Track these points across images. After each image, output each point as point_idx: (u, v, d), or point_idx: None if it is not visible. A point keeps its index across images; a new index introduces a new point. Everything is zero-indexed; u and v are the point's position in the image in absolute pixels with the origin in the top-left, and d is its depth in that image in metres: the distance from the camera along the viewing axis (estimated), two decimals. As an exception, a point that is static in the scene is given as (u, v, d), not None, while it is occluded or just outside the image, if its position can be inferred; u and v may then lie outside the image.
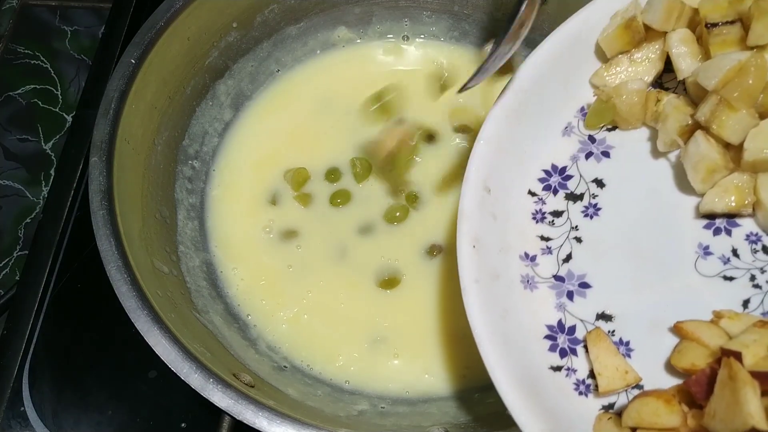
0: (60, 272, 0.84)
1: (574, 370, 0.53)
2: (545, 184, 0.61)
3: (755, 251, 0.54)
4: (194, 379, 0.58)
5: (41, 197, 1.13)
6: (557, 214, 0.59)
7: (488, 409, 0.67)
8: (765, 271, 0.53)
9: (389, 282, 0.76)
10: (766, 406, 0.44)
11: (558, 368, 0.53)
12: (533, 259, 0.58)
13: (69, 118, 1.18)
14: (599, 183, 0.60)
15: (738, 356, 0.45)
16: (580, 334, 0.55)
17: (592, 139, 0.62)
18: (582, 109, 0.63)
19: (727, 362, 0.45)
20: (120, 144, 0.69)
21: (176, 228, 0.78)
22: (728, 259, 0.54)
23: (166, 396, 0.76)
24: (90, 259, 0.84)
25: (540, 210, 0.60)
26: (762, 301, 0.52)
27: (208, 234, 0.81)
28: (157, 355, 0.59)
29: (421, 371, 0.72)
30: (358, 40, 0.92)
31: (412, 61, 0.92)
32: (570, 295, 0.56)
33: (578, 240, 0.58)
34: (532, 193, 0.60)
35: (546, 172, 0.61)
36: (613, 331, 0.54)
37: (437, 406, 0.70)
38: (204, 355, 0.61)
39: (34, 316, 0.81)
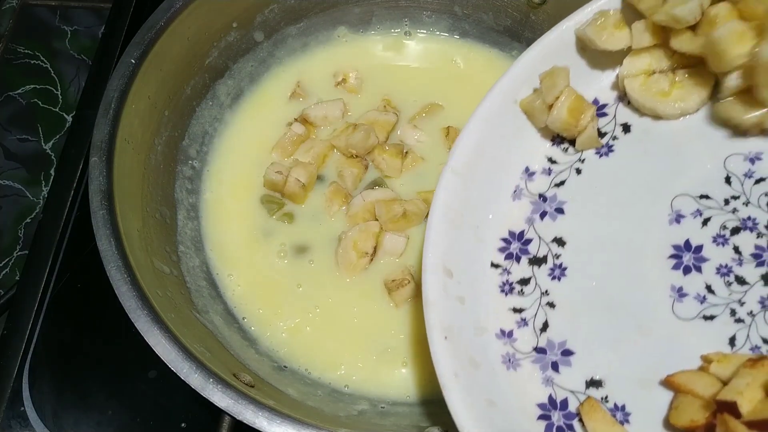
0: (60, 272, 0.84)
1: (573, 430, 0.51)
2: (506, 252, 0.59)
3: (729, 283, 0.52)
4: (194, 379, 0.58)
5: (41, 197, 1.13)
6: (524, 282, 0.58)
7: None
8: (744, 302, 0.51)
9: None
10: None
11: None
12: (510, 335, 0.56)
13: (69, 118, 1.18)
14: (559, 242, 0.58)
15: (734, 406, 0.44)
16: (573, 406, 0.52)
17: (543, 198, 0.60)
18: (527, 169, 0.62)
19: (722, 420, 0.44)
20: (120, 144, 0.69)
21: (176, 228, 0.78)
22: (704, 297, 0.52)
23: (166, 396, 0.76)
24: (90, 259, 0.84)
25: (507, 281, 0.58)
26: (747, 335, 0.50)
27: (203, 237, 0.80)
28: (157, 355, 0.59)
29: (426, 380, 0.71)
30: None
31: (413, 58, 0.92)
32: (555, 366, 0.54)
33: (551, 305, 0.56)
34: (495, 265, 0.59)
35: (504, 240, 0.60)
36: (606, 397, 0.52)
37: (438, 406, 0.70)
38: (204, 355, 0.61)
39: (34, 316, 0.81)
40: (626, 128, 0.60)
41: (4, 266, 1.09)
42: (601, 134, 0.61)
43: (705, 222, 0.54)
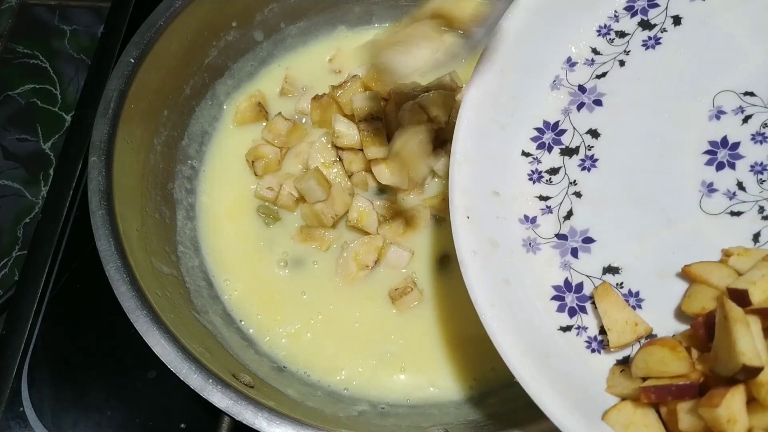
0: (59, 272, 0.84)
1: (585, 328, 0.52)
2: (539, 142, 0.59)
3: (762, 181, 0.52)
4: (194, 379, 0.58)
5: (40, 197, 1.12)
6: (554, 171, 0.58)
7: (489, 409, 0.67)
8: None
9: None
10: None
11: (568, 328, 0.52)
12: (533, 221, 0.57)
13: (68, 118, 1.18)
14: (594, 133, 0.58)
15: (745, 294, 0.44)
16: (587, 290, 0.54)
17: (582, 89, 0.60)
18: (569, 59, 0.61)
19: (721, 302, 0.45)
20: (119, 144, 0.69)
21: (176, 228, 0.77)
22: (734, 194, 0.52)
23: (165, 396, 0.76)
24: (89, 259, 0.84)
25: (536, 170, 0.59)
26: None
27: (200, 240, 0.80)
28: (156, 355, 0.59)
29: (426, 384, 0.71)
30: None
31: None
32: (574, 252, 0.55)
33: (578, 195, 0.57)
34: (526, 154, 0.59)
35: (538, 130, 0.60)
36: (621, 283, 0.53)
37: (438, 408, 0.69)
38: (203, 356, 0.60)
39: (33, 316, 0.81)
40: (677, 20, 0.60)
41: (3, 266, 1.09)
42: (650, 25, 0.60)
43: (746, 119, 0.54)
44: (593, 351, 0.52)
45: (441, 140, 0.80)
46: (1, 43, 1.24)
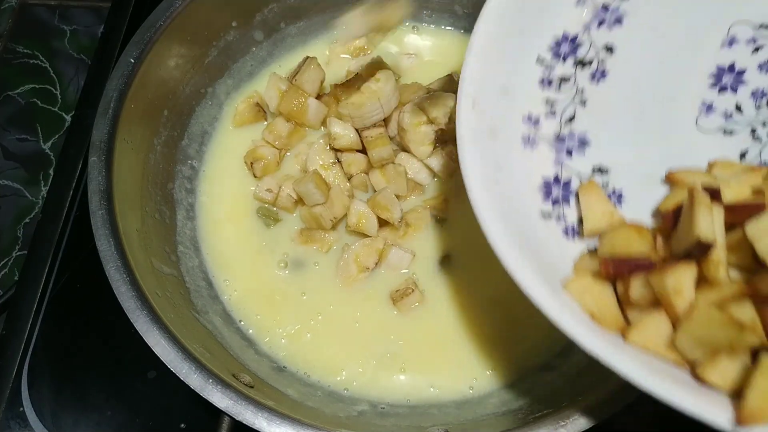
0: (59, 272, 0.84)
1: (565, 217, 0.56)
2: (555, 51, 0.61)
3: (759, 107, 0.56)
4: (194, 379, 0.58)
5: (40, 197, 1.12)
6: (564, 79, 0.60)
7: (489, 409, 0.67)
8: (767, 124, 0.55)
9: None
10: (738, 238, 0.46)
11: (549, 215, 0.56)
12: (536, 121, 0.59)
13: (68, 118, 1.18)
14: (609, 49, 0.60)
15: (717, 192, 0.48)
16: (574, 186, 0.57)
17: (605, 7, 0.61)
18: None
19: (691, 191, 0.48)
20: (119, 144, 0.69)
21: (176, 228, 0.77)
22: (730, 115, 0.56)
23: (165, 396, 0.76)
24: (89, 259, 0.84)
25: (548, 76, 0.60)
26: (760, 152, 0.54)
27: (199, 240, 0.80)
28: (156, 355, 0.59)
29: (426, 384, 0.71)
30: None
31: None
32: (569, 152, 0.58)
33: (583, 103, 0.60)
34: (541, 60, 0.60)
35: (557, 41, 0.61)
36: (607, 183, 0.57)
37: (438, 408, 0.70)
38: (203, 356, 0.60)
39: (33, 316, 0.81)
40: None
41: (3, 266, 1.09)
42: None
43: (756, 50, 0.57)
44: (568, 237, 0.55)
45: (441, 141, 0.80)
46: (1, 43, 1.24)
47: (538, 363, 0.72)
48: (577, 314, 0.48)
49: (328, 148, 0.79)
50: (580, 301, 0.49)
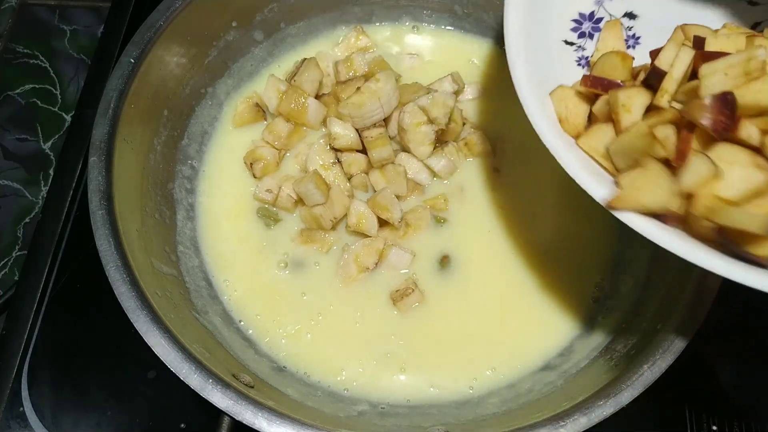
0: (59, 272, 0.83)
1: (584, 49, 0.62)
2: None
3: None
4: (194, 379, 0.58)
5: (40, 197, 1.12)
6: None
7: (489, 409, 0.67)
8: None
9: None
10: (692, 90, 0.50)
11: (571, 43, 0.62)
12: None
13: (68, 118, 1.18)
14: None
15: (702, 41, 0.53)
16: (602, 24, 0.63)
17: None
18: None
19: (675, 31, 0.55)
20: (119, 144, 0.69)
21: (175, 228, 0.77)
22: None
23: (165, 396, 0.76)
24: (89, 259, 0.83)
25: None
26: None
27: (199, 240, 0.80)
28: (156, 355, 0.59)
29: (426, 384, 0.71)
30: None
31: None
32: None
33: None
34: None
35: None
36: (632, 27, 0.63)
37: (438, 408, 0.70)
38: (203, 356, 0.60)
39: (33, 316, 0.81)
40: None
41: (2, 266, 1.09)
42: None
43: None
44: (581, 65, 0.62)
45: (441, 141, 0.80)
46: (1, 43, 1.24)
47: (538, 363, 0.72)
48: (549, 114, 0.56)
49: (328, 148, 0.79)
50: (556, 105, 0.57)
